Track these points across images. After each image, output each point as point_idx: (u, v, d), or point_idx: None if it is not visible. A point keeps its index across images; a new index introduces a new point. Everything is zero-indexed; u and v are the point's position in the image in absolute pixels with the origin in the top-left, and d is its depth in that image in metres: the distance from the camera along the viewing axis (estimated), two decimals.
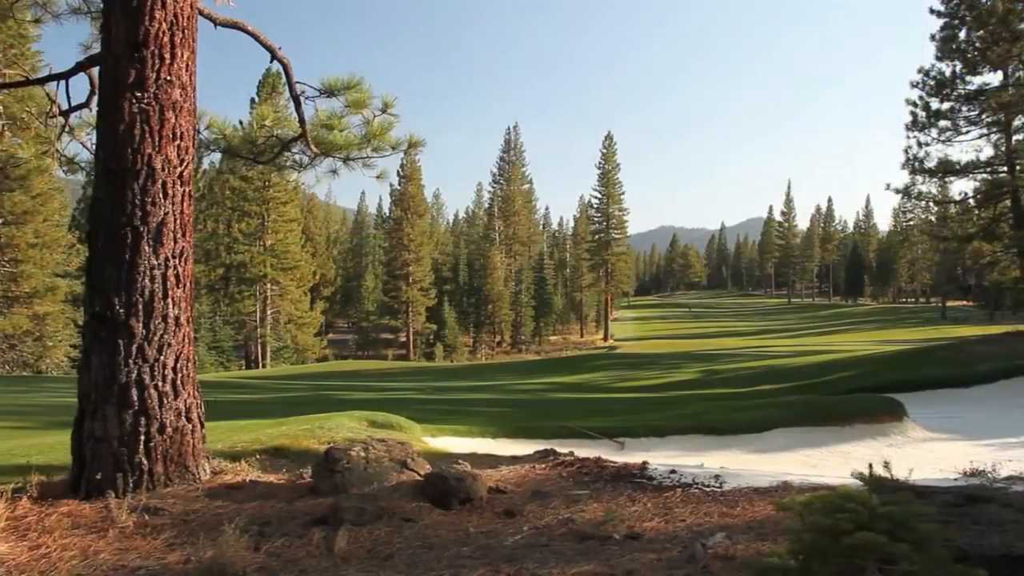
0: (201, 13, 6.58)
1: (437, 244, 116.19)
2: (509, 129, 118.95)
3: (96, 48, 8.46)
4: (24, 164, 8.47)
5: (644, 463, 6.89)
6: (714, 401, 20.02)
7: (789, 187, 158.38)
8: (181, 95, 5.98)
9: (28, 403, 21.04)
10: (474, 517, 5.35)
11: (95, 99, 8.03)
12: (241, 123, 9.05)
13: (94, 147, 8.49)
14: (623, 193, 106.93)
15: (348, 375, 46.72)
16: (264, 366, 67.26)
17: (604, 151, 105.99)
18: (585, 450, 9.33)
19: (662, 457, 11.07)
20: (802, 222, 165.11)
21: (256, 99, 66.94)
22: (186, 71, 6.05)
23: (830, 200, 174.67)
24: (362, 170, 8.64)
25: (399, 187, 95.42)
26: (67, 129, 8.35)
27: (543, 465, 6.98)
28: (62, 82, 7.73)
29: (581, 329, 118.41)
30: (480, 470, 6.18)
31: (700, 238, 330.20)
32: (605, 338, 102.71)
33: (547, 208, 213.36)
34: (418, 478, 5.91)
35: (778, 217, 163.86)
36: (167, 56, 5.88)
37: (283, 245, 70.08)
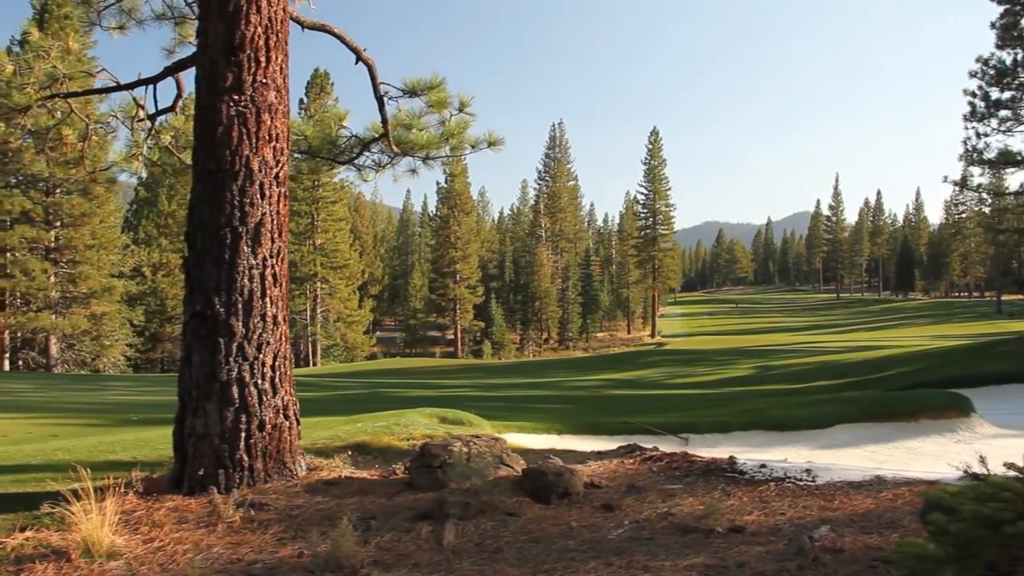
0: (290, 16, 6.68)
1: (483, 242, 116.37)
2: (554, 126, 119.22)
3: (179, 53, 8.63)
4: (112, 168, 8.58)
5: (732, 458, 6.89)
6: (774, 397, 19.90)
7: (837, 180, 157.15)
8: (276, 97, 6.08)
9: (95, 401, 21.44)
10: (574, 511, 5.39)
11: (180, 103, 8.21)
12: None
13: (177, 149, 8.71)
14: (669, 188, 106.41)
15: (399, 373, 47.03)
16: (315, 364, 67.88)
17: (650, 146, 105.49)
18: (650, 446, 9.34)
19: (727, 453, 11.03)
20: (850, 216, 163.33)
21: (304, 100, 67.64)
22: (280, 74, 6.15)
23: (879, 193, 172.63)
24: (441, 169, 8.72)
25: (446, 185, 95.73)
26: (153, 132, 8.50)
27: (631, 460, 7.01)
28: (149, 86, 7.87)
29: (628, 326, 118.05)
30: (571, 465, 6.21)
31: (746, 233, 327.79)
32: (652, 335, 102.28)
33: (592, 204, 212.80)
34: (515, 473, 5.96)
35: (826, 211, 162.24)
36: (262, 59, 5.98)
37: (332, 244, 70.65)
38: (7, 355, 48.35)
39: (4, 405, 18.74)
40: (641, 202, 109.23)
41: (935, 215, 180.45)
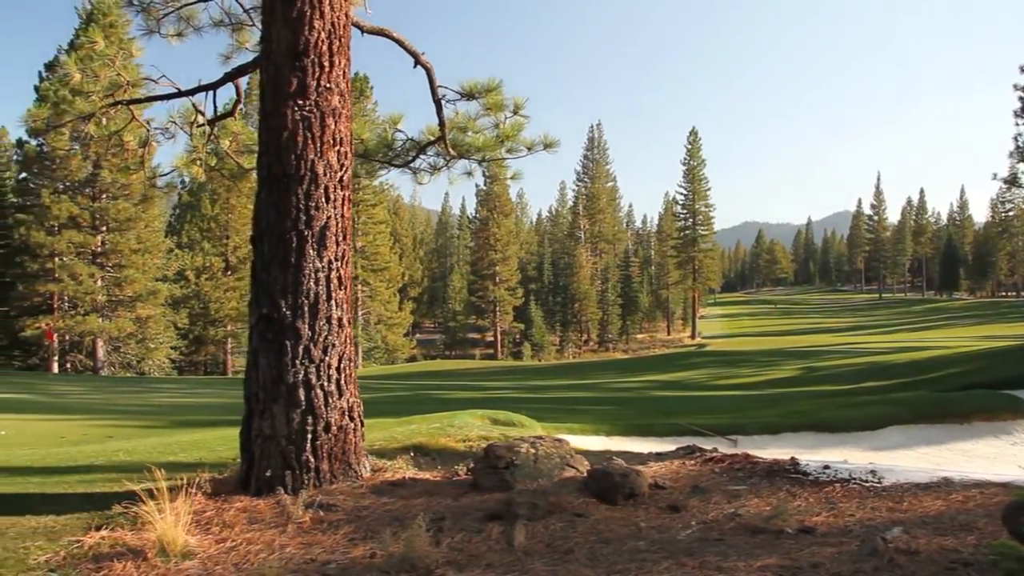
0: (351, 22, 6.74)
1: (522, 244, 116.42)
2: (592, 127, 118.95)
3: (236, 59, 8.74)
4: (173, 172, 8.71)
5: (793, 459, 6.86)
6: (823, 398, 19.71)
7: (879, 179, 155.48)
8: (340, 102, 6.14)
9: (144, 403, 21.71)
10: (640, 512, 5.39)
11: (239, 108, 8.30)
12: None
13: (236, 153, 8.81)
14: (709, 189, 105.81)
15: (441, 374, 47.13)
16: (356, 366, 68.18)
17: (689, 147, 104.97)
18: (710, 447, 9.29)
19: (778, 454, 10.96)
20: (893, 215, 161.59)
21: None
22: (343, 78, 6.21)
23: (922, 192, 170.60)
24: (497, 171, 8.74)
25: (484, 187, 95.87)
26: (212, 137, 8.61)
27: (692, 461, 7.00)
28: (208, 92, 7.98)
29: (668, 327, 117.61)
30: (635, 466, 6.21)
31: (786, 233, 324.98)
32: (693, 336, 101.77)
33: (631, 205, 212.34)
34: (580, 475, 5.98)
35: (867, 210, 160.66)
36: (326, 64, 6.04)
37: (373, 247, 70.94)
38: (56, 358, 49.07)
39: (58, 407, 19.06)
40: (680, 203, 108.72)
41: (980, 213, 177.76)
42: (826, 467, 6.58)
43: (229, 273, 64.51)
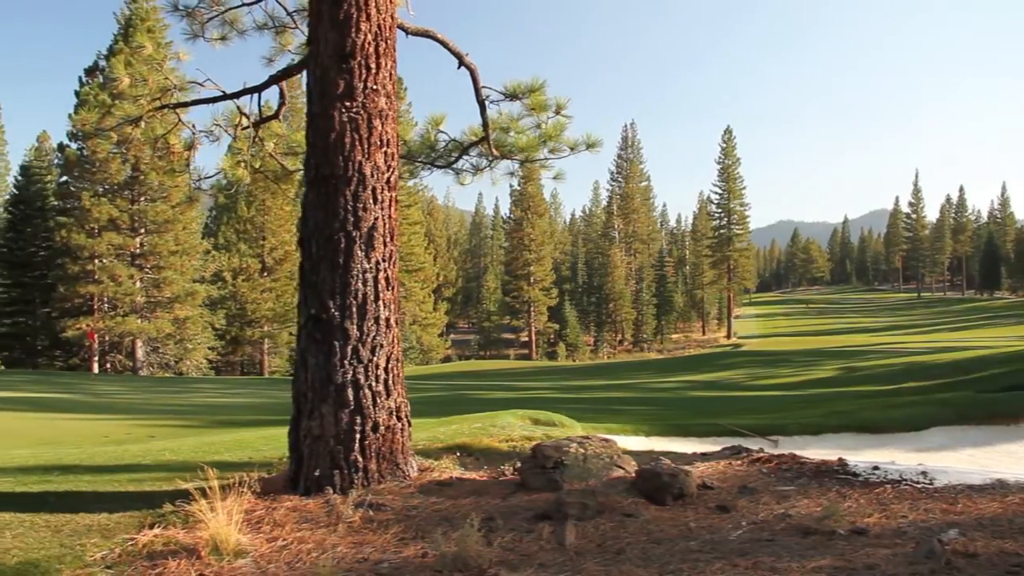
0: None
1: (556, 244, 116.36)
2: (626, 126, 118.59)
3: (279, 61, 8.80)
4: (217, 175, 8.79)
5: (841, 459, 6.80)
6: (863, 399, 19.53)
7: (917, 177, 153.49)
8: (386, 103, 6.17)
9: (183, 403, 21.93)
10: (690, 512, 5.37)
11: (284, 110, 8.36)
12: None
13: (280, 155, 8.87)
14: (744, 188, 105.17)
15: (476, 375, 47.21)
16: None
17: (723, 145, 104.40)
18: (756, 448, 9.24)
19: (820, 455, 10.87)
20: (931, 213, 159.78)
21: None
22: (389, 79, 6.24)
23: (962, 189, 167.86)
24: (540, 171, 8.75)
25: (518, 187, 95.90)
26: (256, 139, 8.67)
27: (739, 461, 6.96)
28: (253, 95, 8.04)
29: (703, 327, 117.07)
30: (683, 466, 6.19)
31: (821, 232, 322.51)
32: (728, 336, 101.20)
33: (664, 205, 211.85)
34: (628, 475, 5.96)
35: (905, 208, 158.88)
36: (373, 66, 6.08)
37: (408, 247, 71.19)
38: (96, 358, 49.68)
39: (100, 407, 19.28)
40: (715, 202, 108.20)
41: (1023, 210, 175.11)
42: (875, 468, 6.52)
43: (265, 274, 64.99)
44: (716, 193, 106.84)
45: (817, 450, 12.58)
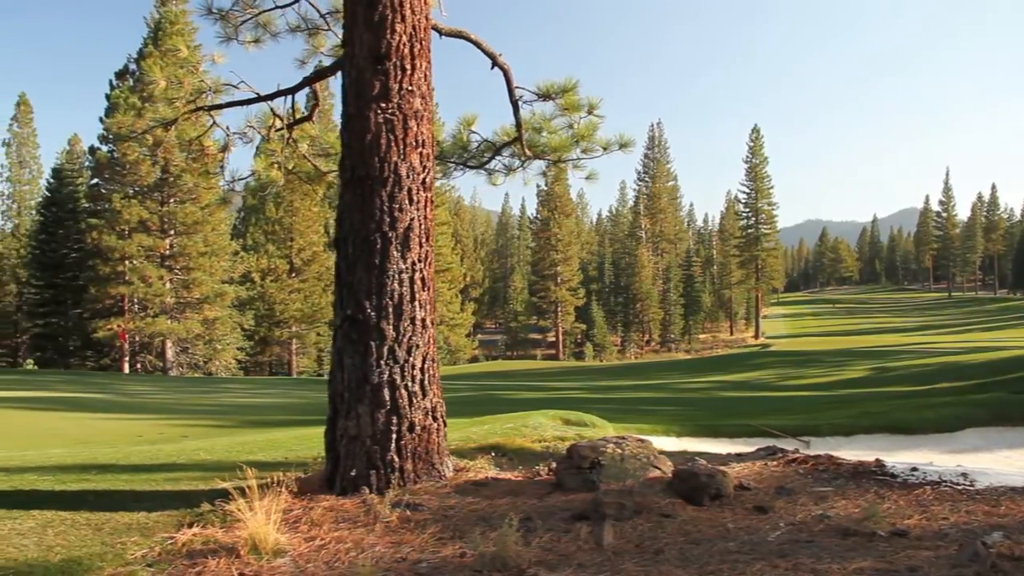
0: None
1: (583, 244, 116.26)
2: (653, 126, 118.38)
3: (312, 64, 8.84)
4: (253, 177, 8.85)
5: (878, 460, 6.74)
6: (895, 399, 19.35)
7: (948, 175, 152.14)
8: (421, 104, 6.18)
9: (214, 403, 22.09)
10: (727, 513, 5.34)
11: (317, 112, 8.41)
12: None
13: (312, 157, 8.91)
14: (771, 187, 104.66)
15: (504, 375, 47.25)
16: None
17: (751, 144, 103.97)
18: (792, 448, 9.18)
19: (853, 456, 10.78)
20: (962, 211, 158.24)
21: None
22: (424, 80, 6.24)
23: (993, 187, 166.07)
24: (572, 172, 8.75)
25: (545, 187, 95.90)
26: (289, 141, 8.72)
27: (775, 462, 6.92)
28: (286, 97, 8.09)
29: (731, 327, 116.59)
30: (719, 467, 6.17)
31: (850, 231, 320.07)
32: (756, 336, 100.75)
33: (691, 204, 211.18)
34: (664, 475, 5.95)
35: (935, 207, 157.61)
36: (408, 67, 6.09)
37: (435, 248, 70.95)
38: (127, 358, 50.16)
39: (132, 407, 19.46)
40: (743, 201, 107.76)
41: None
42: (914, 469, 6.47)
43: (293, 275, 65.40)
44: (744, 192, 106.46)
45: (850, 451, 12.49)
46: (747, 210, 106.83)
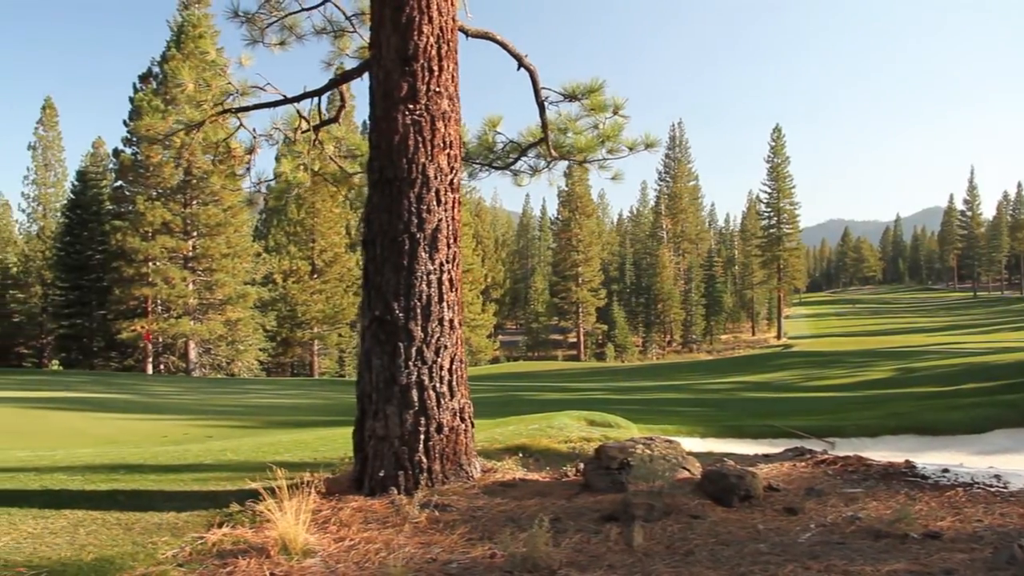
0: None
1: (604, 244, 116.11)
2: (674, 125, 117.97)
3: (338, 66, 8.88)
4: (281, 179, 8.89)
5: (908, 461, 6.70)
6: (922, 400, 19.21)
7: (972, 174, 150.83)
8: (449, 105, 6.19)
9: (237, 403, 22.21)
10: (757, 514, 5.32)
11: (342, 113, 8.44)
12: None
13: (339, 158, 8.94)
14: (793, 187, 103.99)
15: (526, 376, 47.24)
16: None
17: (772, 144, 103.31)
18: (820, 449, 9.13)
19: (880, 457, 10.71)
20: (988, 210, 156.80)
21: None
22: (451, 82, 6.26)
23: (1020, 185, 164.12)
24: (598, 172, 8.74)
25: (566, 188, 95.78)
26: (316, 142, 8.76)
27: (803, 463, 6.89)
28: (313, 99, 8.12)
29: (752, 327, 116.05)
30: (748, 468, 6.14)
31: (873, 231, 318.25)
32: (778, 336, 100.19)
33: (713, 204, 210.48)
34: (693, 476, 5.93)
35: (960, 206, 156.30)
36: (435, 68, 6.11)
37: None
38: (151, 359, 50.47)
39: (156, 407, 19.58)
40: (764, 201, 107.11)
41: None
42: (945, 470, 6.42)
43: (315, 276, 65.64)
44: (765, 192, 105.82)
45: (876, 452, 12.40)
46: (769, 210, 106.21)
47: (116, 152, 52.94)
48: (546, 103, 8.15)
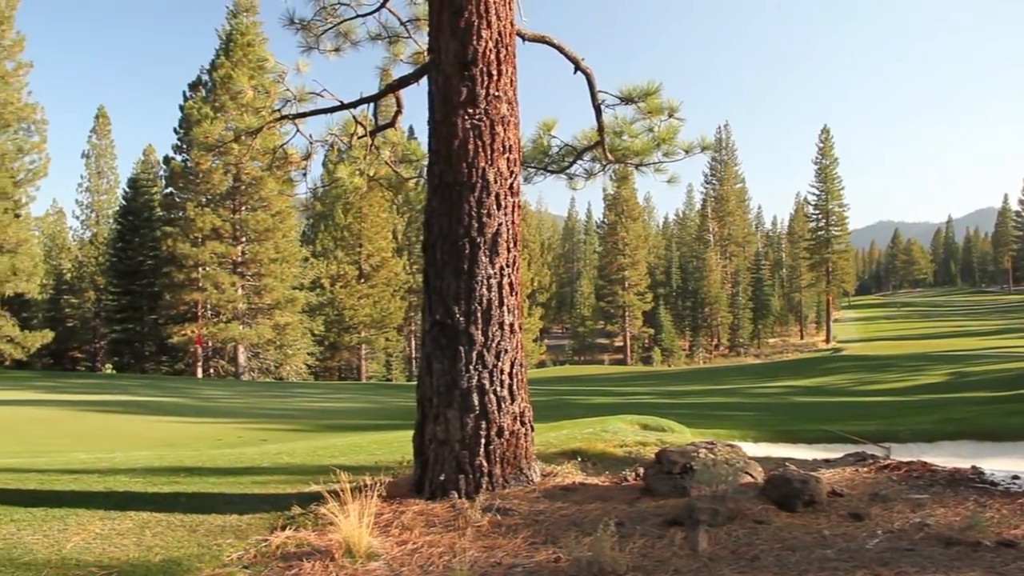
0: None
1: (650, 248, 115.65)
2: (720, 128, 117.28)
3: (393, 72, 8.93)
4: (339, 185, 8.96)
5: (975, 467, 6.59)
6: (979, 405, 18.87)
7: None
8: (508, 109, 6.20)
9: (287, 407, 22.42)
10: (821, 519, 5.25)
11: (399, 118, 8.48)
12: None
13: (395, 163, 8.99)
14: (842, 188, 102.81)
15: (574, 380, 47.18)
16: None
17: (820, 145, 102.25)
18: (881, 454, 9.00)
19: (939, 463, 10.53)
20: None
21: None
22: (510, 86, 6.26)
23: None
24: (654, 175, 8.70)
25: (612, 191, 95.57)
26: (372, 148, 8.81)
27: (866, 468, 6.79)
28: (369, 104, 8.17)
29: (800, 331, 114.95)
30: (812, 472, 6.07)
31: (923, 232, 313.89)
32: (827, 340, 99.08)
33: (759, 207, 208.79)
34: (756, 480, 5.88)
35: (1015, 206, 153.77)
36: (494, 73, 6.11)
37: None
38: (201, 363, 51.10)
39: (208, 410, 19.82)
40: (812, 203, 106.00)
41: None
42: (1015, 477, 6.30)
43: (362, 281, 66.07)
44: (813, 194, 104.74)
45: (934, 457, 12.15)
46: (817, 212, 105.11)
47: (166, 159, 53.77)
48: (602, 106, 8.14)
